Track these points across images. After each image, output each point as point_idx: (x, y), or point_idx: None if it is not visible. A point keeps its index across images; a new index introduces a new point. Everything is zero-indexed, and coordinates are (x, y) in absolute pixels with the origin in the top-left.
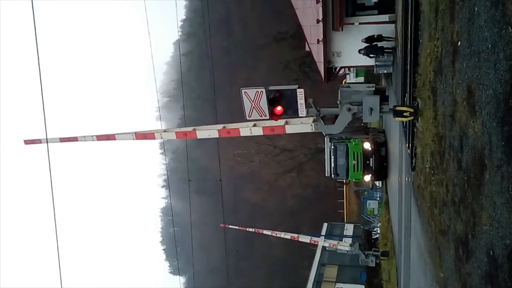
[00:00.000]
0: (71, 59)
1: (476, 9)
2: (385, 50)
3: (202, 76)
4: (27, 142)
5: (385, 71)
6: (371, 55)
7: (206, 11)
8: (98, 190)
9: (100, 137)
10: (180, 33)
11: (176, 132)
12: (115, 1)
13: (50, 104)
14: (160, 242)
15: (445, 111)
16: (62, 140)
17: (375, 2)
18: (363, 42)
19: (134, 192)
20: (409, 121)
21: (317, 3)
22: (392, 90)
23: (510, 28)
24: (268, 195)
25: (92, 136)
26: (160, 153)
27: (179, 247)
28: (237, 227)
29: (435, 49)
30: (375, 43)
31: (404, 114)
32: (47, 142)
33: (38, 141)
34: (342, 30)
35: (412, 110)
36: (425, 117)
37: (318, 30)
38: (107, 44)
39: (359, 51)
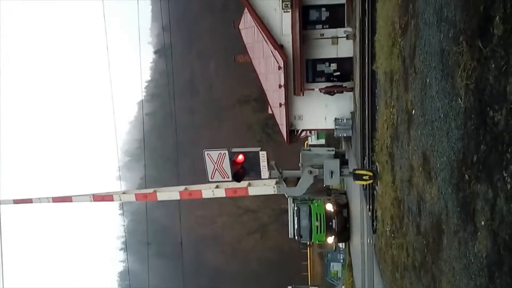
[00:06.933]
0: (29, 116)
1: (427, 80)
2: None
3: (165, 136)
4: None
5: (345, 135)
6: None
7: (172, 72)
8: (52, 255)
9: (56, 199)
10: (144, 94)
11: (135, 194)
12: (78, 57)
13: (4, 164)
14: None
15: (403, 176)
16: (16, 202)
17: (334, 70)
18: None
19: (90, 255)
20: (368, 184)
21: (279, 69)
22: (352, 153)
23: (460, 100)
24: (231, 258)
25: (47, 198)
26: (119, 214)
27: None
28: None
29: (391, 116)
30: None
31: (364, 177)
32: None
33: None
34: (303, 95)
35: (371, 173)
36: (384, 181)
37: (280, 94)
38: (68, 101)
39: (320, 90)
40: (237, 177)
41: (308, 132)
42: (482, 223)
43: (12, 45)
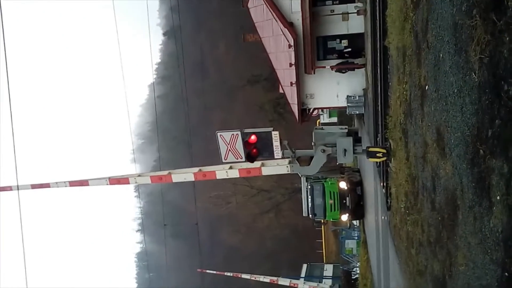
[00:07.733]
0: (44, 103)
1: (441, 55)
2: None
3: (177, 118)
4: None
5: (357, 112)
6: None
7: (181, 54)
8: (71, 237)
9: (73, 183)
10: (155, 76)
11: (151, 176)
12: (90, 44)
13: (21, 150)
14: None
15: (417, 152)
16: (34, 186)
17: (345, 46)
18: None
19: (108, 237)
20: (382, 161)
21: (289, 47)
22: (364, 131)
23: (473, 74)
24: (246, 237)
25: (64, 182)
26: (135, 196)
27: None
28: (214, 272)
29: (404, 92)
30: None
31: (377, 155)
32: (18, 189)
33: (9, 188)
34: (314, 73)
35: (384, 151)
36: (397, 158)
37: (291, 73)
38: (81, 86)
39: (331, 68)
40: (250, 157)
41: (320, 110)
42: (498, 197)
43: (25, 30)
